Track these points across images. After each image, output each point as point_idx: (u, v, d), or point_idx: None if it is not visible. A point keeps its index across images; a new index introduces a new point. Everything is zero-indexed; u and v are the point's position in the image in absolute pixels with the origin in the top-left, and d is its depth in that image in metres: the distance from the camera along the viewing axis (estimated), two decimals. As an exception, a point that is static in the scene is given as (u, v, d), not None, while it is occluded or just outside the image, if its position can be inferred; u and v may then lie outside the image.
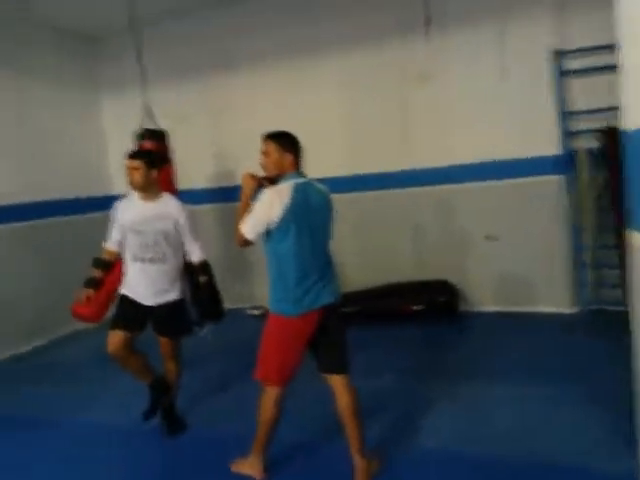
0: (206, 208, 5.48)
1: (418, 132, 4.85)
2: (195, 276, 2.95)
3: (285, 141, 2.39)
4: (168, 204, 2.89)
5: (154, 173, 2.83)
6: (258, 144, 2.43)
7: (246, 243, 2.29)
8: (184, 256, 2.94)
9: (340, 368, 2.39)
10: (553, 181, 4.49)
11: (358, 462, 2.36)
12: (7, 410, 3.55)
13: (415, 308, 4.58)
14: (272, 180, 2.38)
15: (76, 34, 5.67)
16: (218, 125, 5.52)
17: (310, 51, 5.09)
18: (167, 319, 2.91)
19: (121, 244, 2.89)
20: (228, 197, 5.39)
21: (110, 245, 2.93)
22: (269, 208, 2.21)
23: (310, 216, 2.30)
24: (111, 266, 2.97)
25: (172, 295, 2.90)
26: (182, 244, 2.91)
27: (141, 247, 2.80)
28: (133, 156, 2.85)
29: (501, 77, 4.51)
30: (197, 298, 2.98)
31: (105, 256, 2.94)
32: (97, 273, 2.93)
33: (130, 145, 4.30)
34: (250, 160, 5.05)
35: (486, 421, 2.85)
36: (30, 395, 3.77)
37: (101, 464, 2.80)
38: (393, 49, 4.83)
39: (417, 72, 4.77)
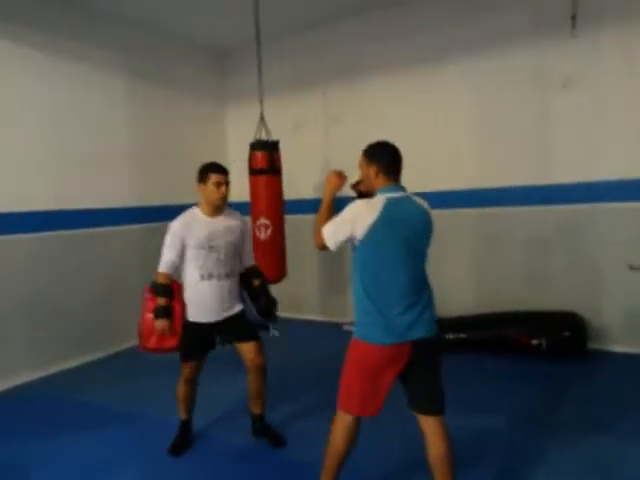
0: (311, 218, 5.45)
1: (557, 144, 4.37)
2: (253, 279, 2.95)
3: (371, 152, 2.22)
4: (233, 216, 2.89)
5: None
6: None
7: (324, 248, 2.16)
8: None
9: (436, 409, 2.12)
10: None
11: None
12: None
13: (534, 342, 4.10)
14: (362, 193, 2.23)
15: (207, 48, 5.98)
16: (330, 135, 5.47)
17: (435, 58, 4.84)
18: (243, 323, 2.89)
19: (177, 267, 2.78)
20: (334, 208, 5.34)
21: (166, 269, 2.74)
22: (355, 219, 2.04)
23: (404, 234, 2.06)
24: (172, 291, 2.77)
25: (239, 306, 2.89)
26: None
27: (215, 263, 2.76)
28: (224, 171, 2.81)
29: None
30: (256, 300, 2.92)
31: (163, 281, 2.74)
32: (163, 301, 2.70)
33: (246, 157, 4.42)
34: (356, 170, 5.08)
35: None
36: (129, 390, 3.91)
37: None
38: (530, 51, 4.39)
39: (560, 76, 4.30)
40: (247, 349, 2.86)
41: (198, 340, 2.80)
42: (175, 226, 2.74)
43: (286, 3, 4.74)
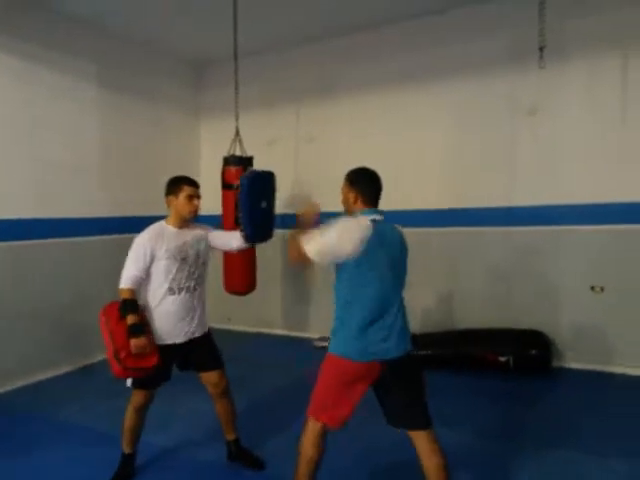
0: (282, 233, 5.49)
1: (523, 169, 4.52)
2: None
3: (353, 177, 2.27)
4: (199, 226, 2.87)
5: None
6: (339, 174, 2.33)
7: (304, 261, 2.07)
8: None
9: (420, 423, 2.14)
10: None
11: None
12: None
13: (502, 359, 4.18)
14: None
15: (183, 61, 5.98)
16: (302, 153, 5.52)
17: (407, 81, 4.96)
18: (209, 350, 2.80)
19: (140, 284, 2.62)
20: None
21: (131, 284, 2.57)
22: (346, 238, 2.04)
23: (390, 255, 2.15)
24: (139, 307, 2.60)
25: (206, 327, 2.84)
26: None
27: (186, 275, 2.69)
28: (196, 184, 2.79)
29: (623, 111, 4.11)
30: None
31: (131, 297, 2.56)
32: (135, 318, 2.50)
33: (219, 170, 4.41)
34: (326, 187, 5.13)
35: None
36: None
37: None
38: (501, 79, 4.56)
39: (527, 104, 4.46)
40: (211, 378, 2.78)
41: (160, 366, 2.57)
42: (143, 238, 2.64)
43: (264, 22, 4.81)
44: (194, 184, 2.78)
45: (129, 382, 2.64)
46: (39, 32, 4.42)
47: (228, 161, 4.27)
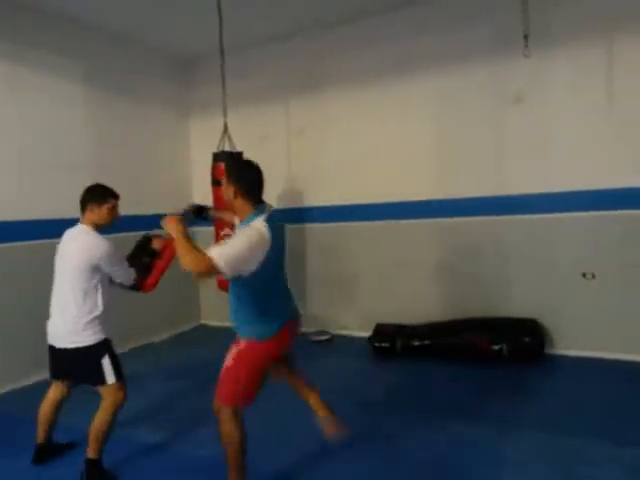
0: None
1: (512, 157, 4.54)
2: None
3: (233, 172, 2.33)
4: None
5: None
6: (330, 167, 2.34)
7: (208, 273, 2.01)
8: None
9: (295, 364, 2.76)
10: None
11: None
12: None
13: (495, 347, 4.21)
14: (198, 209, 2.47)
15: (171, 57, 5.95)
16: (293, 147, 5.52)
17: (397, 72, 4.96)
18: None
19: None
20: (297, 218, 5.39)
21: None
22: (254, 250, 2.12)
23: (281, 248, 2.36)
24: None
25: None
26: None
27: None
28: (117, 196, 2.89)
29: (608, 98, 4.13)
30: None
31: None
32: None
33: (209, 167, 4.41)
34: (320, 181, 5.16)
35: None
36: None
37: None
38: (486, 68, 4.57)
39: (513, 93, 4.48)
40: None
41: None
42: (111, 244, 2.72)
43: (250, 16, 4.78)
44: (116, 197, 2.90)
45: (112, 379, 2.66)
46: (23, 31, 4.37)
47: (218, 157, 4.26)
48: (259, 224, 2.19)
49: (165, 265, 2.95)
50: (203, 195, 4.66)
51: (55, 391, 2.93)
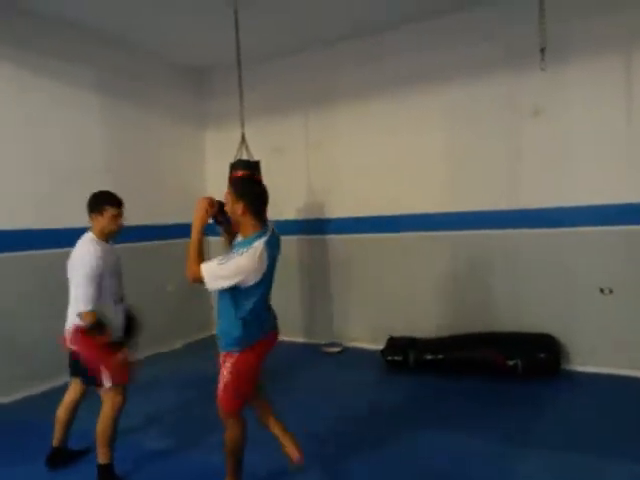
0: (295, 239, 5.54)
1: (527, 170, 4.50)
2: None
3: (241, 189, 2.34)
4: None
5: None
6: (349, 178, 2.34)
7: (199, 281, 2.25)
8: None
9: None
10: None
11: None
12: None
13: (510, 363, 4.15)
14: (219, 220, 2.44)
15: (187, 68, 6.03)
16: (312, 159, 5.54)
17: (413, 84, 4.97)
18: None
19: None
20: (316, 229, 5.41)
21: (92, 306, 2.62)
22: (250, 271, 2.21)
23: (273, 265, 2.37)
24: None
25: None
26: None
27: (119, 286, 2.85)
28: (121, 204, 2.86)
29: (627, 111, 4.10)
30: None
31: (95, 319, 2.61)
32: (108, 336, 2.64)
33: (225, 178, 4.42)
34: (339, 194, 5.16)
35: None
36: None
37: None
38: (502, 81, 4.56)
39: (529, 106, 4.46)
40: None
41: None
42: (96, 257, 2.66)
43: (267, 29, 4.84)
44: (119, 204, 2.86)
45: (110, 382, 2.66)
46: (36, 39, 4.43)
47: (235, 166, 4.28)
48: (260, 247, 2.25)
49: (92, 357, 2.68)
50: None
51: (72, 391, 2.96)
